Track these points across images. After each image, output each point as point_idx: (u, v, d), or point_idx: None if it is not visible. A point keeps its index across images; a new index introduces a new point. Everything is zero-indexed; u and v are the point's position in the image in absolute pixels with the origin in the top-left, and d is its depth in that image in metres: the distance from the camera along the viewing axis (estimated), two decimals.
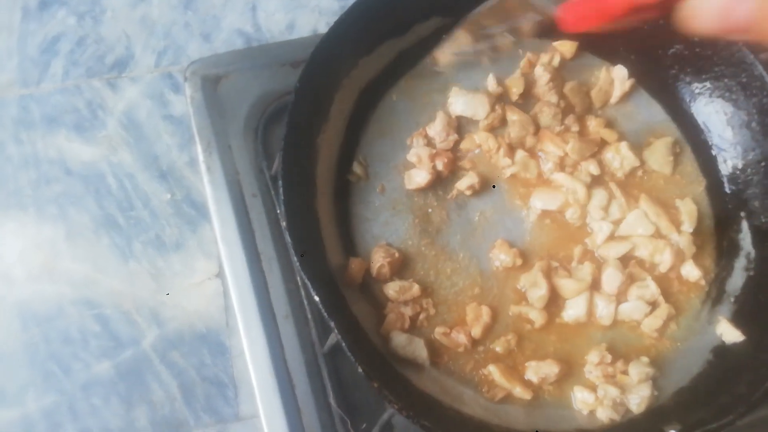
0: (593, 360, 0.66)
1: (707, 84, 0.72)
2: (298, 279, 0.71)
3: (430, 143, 0.72)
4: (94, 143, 1.04)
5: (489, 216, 0.71)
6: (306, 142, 0.66)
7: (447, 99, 0.73)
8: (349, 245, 0.69)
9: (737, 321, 0.67)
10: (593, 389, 0.65)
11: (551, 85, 0.73)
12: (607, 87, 0.75)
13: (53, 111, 1.06)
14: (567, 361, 0.66)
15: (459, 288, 0.68)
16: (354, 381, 0.69)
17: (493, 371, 0.65)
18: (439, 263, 0.69)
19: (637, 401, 0.64)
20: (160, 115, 1.06)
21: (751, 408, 0.59)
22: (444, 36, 0.66)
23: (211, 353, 0.96)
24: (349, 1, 0.66)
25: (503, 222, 0.71)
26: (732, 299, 0.69)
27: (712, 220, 0.72)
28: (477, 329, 0.66)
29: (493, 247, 0.69)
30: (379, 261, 0.67)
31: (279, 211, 0.73)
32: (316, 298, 0.58)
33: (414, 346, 0.65)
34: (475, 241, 0.70)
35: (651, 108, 0.75)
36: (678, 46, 0.71)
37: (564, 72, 0.75)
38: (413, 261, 0.69)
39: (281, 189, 0.60)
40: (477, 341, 0.66)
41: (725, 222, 0.72)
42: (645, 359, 0.66)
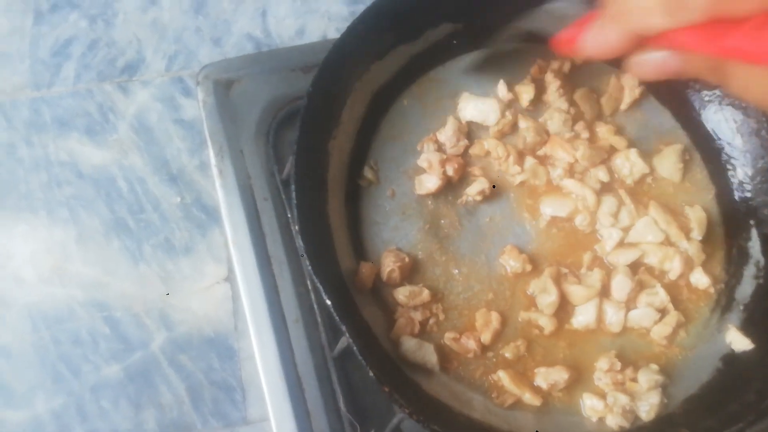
0: (602, 367, 0.66)
1: (717, 91, 0.72)
2: (308, 283, 0.71)
3: (440, 148, 0.72)
4: (105, 147, 1.05)
5: (498, 222, 0.71)
6: (318, 146, 0.66)
7: (457, 105, 0.74)
8: (360, 249, 0.69)
9: (746, 329, 0.67)
10: (602, 396, 0.65)
11: (561, 92, 0.73)
12: (617, 94, 0.75)
13: (65, 114, 1.06)
14: (576, 368, 0.66)
15: (468, 293, 0.69)
16: (364, 385, 0.69)
17: (503, 377, 0.65)
18: (449, 268, 0.69)
19: (647, 409, 0.64)
20: (170, 119, 1.07)
21: (761, 416, 0.59)
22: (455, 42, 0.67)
23: (220, 357, 0.96)
24: (359, 7, 0.67)
25: (512, 228, 0.71)
26: (741, 307, 0.69)
27: (721, 227, 0.72)
28: (486, 335, 0.66)
29: (503, 253, 0.70)
30: (390, 265, 0.67)
31: (290, 215, 0.73)
32: (327, 302, 0.58)
33: (424, 351, 0.65)
34: (485, 247, 0.70)
35: (661, 115, 0.75)
36: None
37: (574, 78, 0.76)
38: (423, 266, 0.69)
39: (293, 193, 0.61)
40: (486, 347, 0.66)
41: (735, 230, 0.72)
42: (654, 367, 0.66)
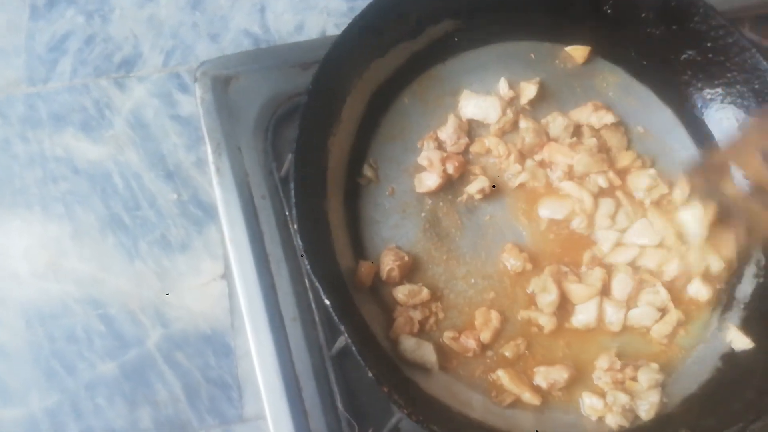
0: (602, 366, 0.66)
1: (719, 90, 0.71)
2: (306, 281, 0.71)
3: (441, 146, 0.72)
4: (101, 142, 1.04)
5: (498, 220, 0.71)
6: (317, 143, 0.66)
7: (458, 102, 0.73)
8: (359, 248, 0.69)
9: (746, 328, 0.67)
10: (602, 395, 0.65)
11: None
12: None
13: (60, 109, 1.05)
14: (576, 367, 0.66)
15: (468, 292, 0.68)
16: (362, 385, 0.68)
17: (502, 376, 0.65)
18: (449, 267, 0.69)
19: (646, 408, 0.64)
20: (167, 115, 1.06)
21: (761, 415, 0.59)
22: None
23: (216, 354, 0.95)
24: (358, 3, 0.66)
25: (512, 227, 0.71)
26: (741, 306, 0.69)
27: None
28: (486, 334, 0.65)
29: (503, 251, 0.69)
30: (389, 264, 0.67)
31: (288, 213, 0.73)
32: (326, 301, 0.58)
33: (423, 350, 0.65)
34: (485, 245, 0.70)
35: (662, 114, 0.75)
36: (690, 51, 0.71)
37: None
38: (423, 264, 0.69)
39: (292, 191, 0.60)
40: (486, 346, 0.66)
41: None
42: (654, 365, 0.66)
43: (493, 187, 0.71)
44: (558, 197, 0.71)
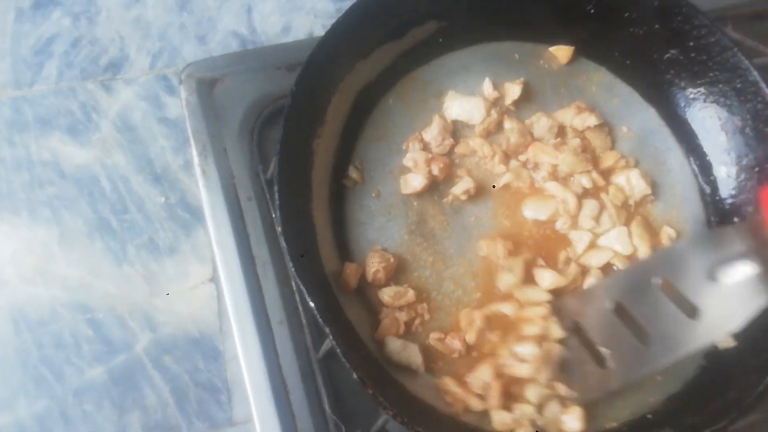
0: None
1: (702, 89, 0.72)
2: (293, 284, 0.71)
3: (426, 148, 0.72)
4: (88, 146, 1.03)
5: (484, 221, 0.71)
6: (302, 145, 0.66)
7: (443, 103, 0.73)
8: (344, 250, 0.69)
9: None
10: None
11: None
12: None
13: (47, 113, 1.05)
14: None
15: (454, 293, 0.68)
16: (349, 387, 0.68)
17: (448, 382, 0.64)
18: (435, 268, 0.69)
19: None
20: (154, 118, 1.05)
21: (744, 413, 0.59)
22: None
23: (205, 358, 0.95)
24: (345, 4, 0.66)
25: (498, 227, 0.71)
26: None
27: (705, 224, 0.72)
28: (471, 335, 0.65)
29: (485, 239, 0.69)
30: (375, 266, 0.67)
31: (274, 215, 0.73)
32: (311, 303, 0.58)
33: (409, 351, 0.65)
34: (470, 246, 0.70)
35: (646, 113, 0.76)
36: (673, 51, 0.72)
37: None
38: (408, 266, 0.69)
39: (277, 193, 0.60)
40: (471, 347, 0.66)
41: (719, 227, 0.72)
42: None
43: (479, 188, 0.71)
44: (542, 198, 0.71)
